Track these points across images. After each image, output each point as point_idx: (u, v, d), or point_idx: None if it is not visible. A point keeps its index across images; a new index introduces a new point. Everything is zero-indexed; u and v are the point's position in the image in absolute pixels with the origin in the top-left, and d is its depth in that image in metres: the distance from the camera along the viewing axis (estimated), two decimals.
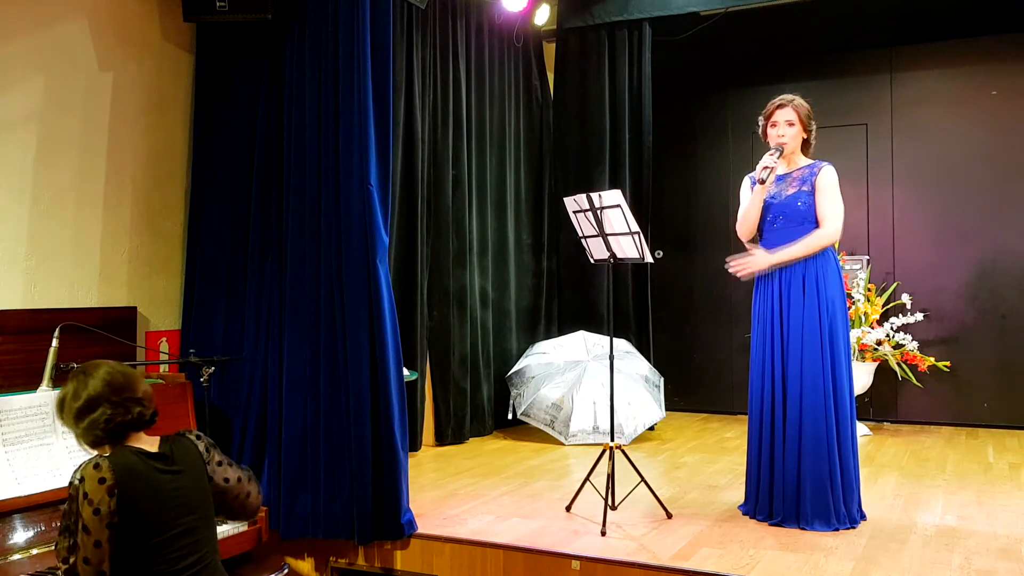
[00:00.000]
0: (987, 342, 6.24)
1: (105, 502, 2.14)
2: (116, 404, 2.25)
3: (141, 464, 2.24)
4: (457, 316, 5.80)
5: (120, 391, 2.27)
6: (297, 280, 3.86)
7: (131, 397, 2.28)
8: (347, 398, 3.72)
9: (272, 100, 4.13)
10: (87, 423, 2.25)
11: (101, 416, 2.24)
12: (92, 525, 2.14)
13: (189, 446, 2.39)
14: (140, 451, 2.27)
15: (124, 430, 2.27)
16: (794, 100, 3.86)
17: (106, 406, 2.25)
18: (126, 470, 2.20)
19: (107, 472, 2.16)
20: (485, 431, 6.01)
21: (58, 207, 3.96)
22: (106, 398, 2.25)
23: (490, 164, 6.22)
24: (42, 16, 3.89)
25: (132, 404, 2.28)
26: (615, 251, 3.97)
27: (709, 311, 7.03)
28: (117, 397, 2.26)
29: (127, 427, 2.27)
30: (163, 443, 2.34)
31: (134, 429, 2.29)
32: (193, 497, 2.32)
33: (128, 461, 2.22)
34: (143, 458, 2.26)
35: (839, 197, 3.79)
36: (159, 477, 2.25)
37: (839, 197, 3.79)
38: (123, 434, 2.28)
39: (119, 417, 2.25)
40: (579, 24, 6.58)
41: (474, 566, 3.56)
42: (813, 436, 3.67)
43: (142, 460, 2.25)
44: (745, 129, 6.43)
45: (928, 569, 3.19)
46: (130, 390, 2.29)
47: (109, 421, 2.24)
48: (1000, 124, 6.24)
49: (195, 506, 2.32)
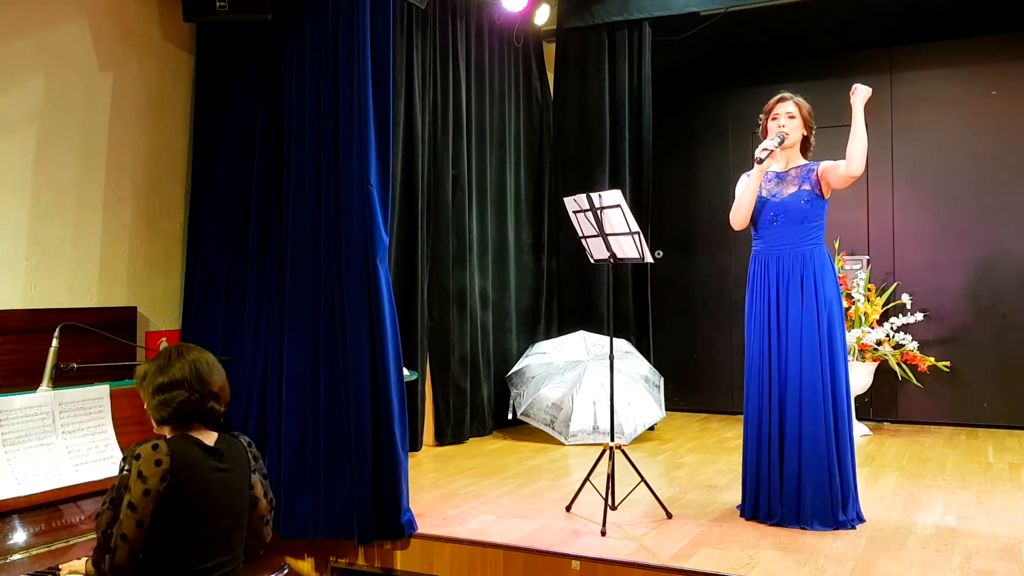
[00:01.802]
0: (987, 342, 6.24)
1: (157, 484, 2.17)
2: (195, 391, 2.29)
3: (198, 455, 2.27)
4: (457, 316, 5.80)
5: (203, 381, 2.31)
6: (297, 280, 3.86)
7: (210, 390, 2.32)
8: (347, 398, 3.72)
9: (272, 100, 4.13)
10: (162, 399, 2.29)
11: (177, 397, 2.28)
12: (140, 503, 2.15)
13: (241, 449, 2.42)
14: (199, 442, 2.30)
15: (192, 418, 2.31)
16: (795, 96, 3.88)
17: (185, 390, 2.28)
18: (183, 458, 2.22)
19: (164, 455, 2.19)
20: (485, 431, 6.01)
21: (58, 207, 3.96)
22: (188, 383, 2.29)
23: (490, 164, 6.22)
24: (42, 16, 3.89)
25: (208, 397, 2.31)
26: (615, 251, 3.96)
27: (709, 311, 7.03)
28: (199, 385, 2.30)
29: (195, 416, 2.31)
30: (220, 439, 2.37)
31: (201, 421, 2.32)
32: (234, 499, 2.35)
33: (187, 450, 2.25)
34: (201, 449, 2.29)
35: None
36: (211, 472, 2.28)
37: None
38: (189, 422, 2.31)
39: (193, 405, 2.29)
40: (579, 24, 6.58)
41: (474, 566, 3.56)
42: (813, 436, 3.67)
43: (200, 451, 2.28)
44: (745, 129, 6.43)
45: (928, 569, 3.19)
46: (212, 383, 2.33)
47: (183, 405, 2.28)
48: (1000, 124, 6.24)
49: (234, 509, 2.34)
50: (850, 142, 3.65)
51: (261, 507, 2.48)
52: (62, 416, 3.03)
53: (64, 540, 2.83)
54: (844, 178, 3.70)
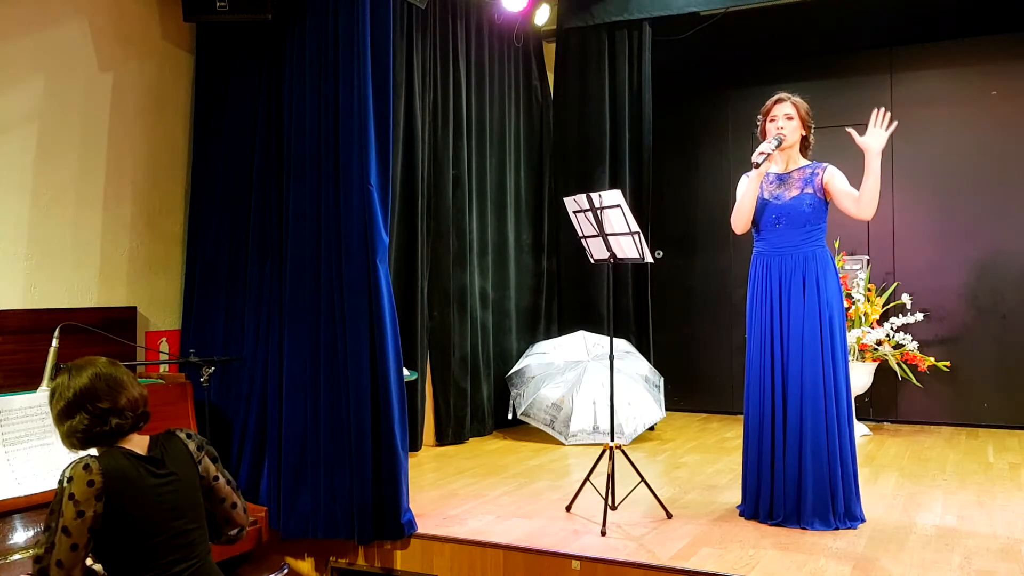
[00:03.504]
0: (987, 342, 6.24)
1: (91, 505, 2.08)
2: (92, 414, 2.17)
3: (131, 467, 2.17)
4: (457, 316, 5.80)
5: (98, 400, 2.18)
6: (297, 280, 3.86)
7: (111, 407, 2.19)
8: (347, 398, 3.72)
9: (272, 100, 4.13)
10: (66, 428, 2.19)
11: (79, 424, 2.17)
12: (73, 527, 2.07)
13: (180, 446, 2.32)
14: (131, 453, 2.20)
15: (101, 440, 2.20)
16: (792, 96, 3.87)
17: (83, 415, 2.17)
18: (116, 473, 2.13)
19: (96, 475, 2.10)
20: (485, 431, 6.01)
21: (58, 207, 3.96)
22: (83, 406, 2.17)
23: (490, 164, 6.22)
24: (42, 16, 3.89)
25: (111, 415, 2.18)
26: (615, 251, 3.96)
27: (709, 311, 7.03)
28: (93, 407, 2.17)
29: (108, 436, 2.20)
30: (153, 444, 2.27)
31: (110, 441, 2.21)
32: (185, 500, 2.26)
33: (119, 464, 2.15)
34: (134, 461, 2.18)
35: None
36: (149, 481, 2.19)
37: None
38: (108, 441, 2.21)
39: (96, 427, 2.18)
40: (579, 24, 6.58)
41: (474, 566, 3.56)
42: (814, 436, 3.67)
43: (132, 463, 2.18)
44: (745, 129, 6.43)
45: (928, 569, 3.19)
46: (111, 399, 2.19)
47: (86, 431, 2.18)
48: (1000, 124, 6.24)
49: (186, 509, 2.26)
50: (865, 187, 3.66)
51: (221, 491, 2.38)
52: None
53: None
54: (851, 215, 3.75)
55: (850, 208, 3.74)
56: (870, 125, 3.67)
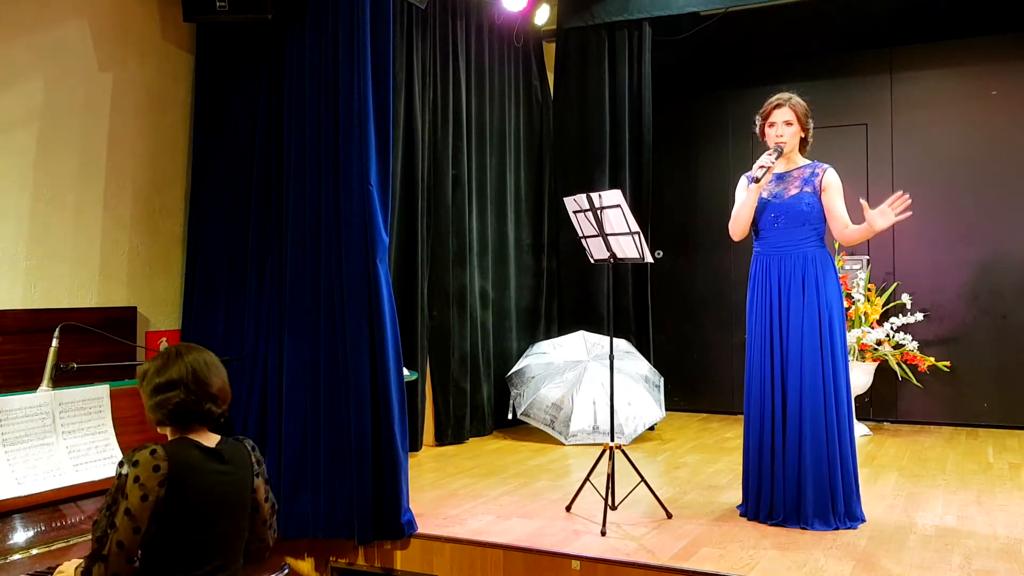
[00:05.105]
0: (987, 342, 6.24)
1: (155, 490, 2.14)
2: (191, 392, 2.27)
3: (198, 458, 2.24)
4: (457, 316, 5.80)
5: (200, 382, 2.29)
6: (297, 280, 3.86)
7: (208, 391, 2.29)
8: (347, 398, 3.72)
9: (272, 100, 4.13)
10: (159, 400, 2.27)
11: (173, 399, 2.26)
12: (137, 510, 2.12)
13: (243, 452, 2.39)
14: (199, 444, 2.28)
15: (189, 419, 2.29)
16: (791, 99, 3.85)
17: (182, 390, 2.26)
18: (182, 462, 2.20)
19: (162, 460, 2.16)
20: (485, 431, 6.01)
21: (58, 207, 3.96)
22: (185, 383, 2.27)
23: (490, 164, 6.22)
24: (42, 16, 3.89)
25: (205, 398, 2.29)
26: (615, 251, 3.96)
27: (709, 311, 7.03)
28: (195, 386, 2.27)
29: (193, 417, 2.28)
30: (222, 442, 2.34)
31: (199, 422, 2.30)
32: (235, 503, 2.32)
33: (186, 453, 2.23)
34: (201, 452, 2.26)
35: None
36: (211, 475, 2.25)
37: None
38: (187, 423, 2.29)
39: (190, 406, 2.27)
40: (579, 24, 6.58)
41: (474, 566, 3.56)
42: (814, 436, 3.67)
43: (199, 454, 2.25)
44: (745, 129, 6.38)
45: (928, 569, 3.19)
46: (209, 384, 2.30)
47: (179, 406, 2.26)
48: (1000, 124, 6.24)
49: (235, 512, 2.32)
50: (858, 233, 3.76)
51: (263, 511, 2.46)
52: (62, 416, 3.03)
53: (64, 540, 2.83)
54: (832, 233, 3.85)
55: (834, 229, 3.82)
56: (886, 203, 3.65)
